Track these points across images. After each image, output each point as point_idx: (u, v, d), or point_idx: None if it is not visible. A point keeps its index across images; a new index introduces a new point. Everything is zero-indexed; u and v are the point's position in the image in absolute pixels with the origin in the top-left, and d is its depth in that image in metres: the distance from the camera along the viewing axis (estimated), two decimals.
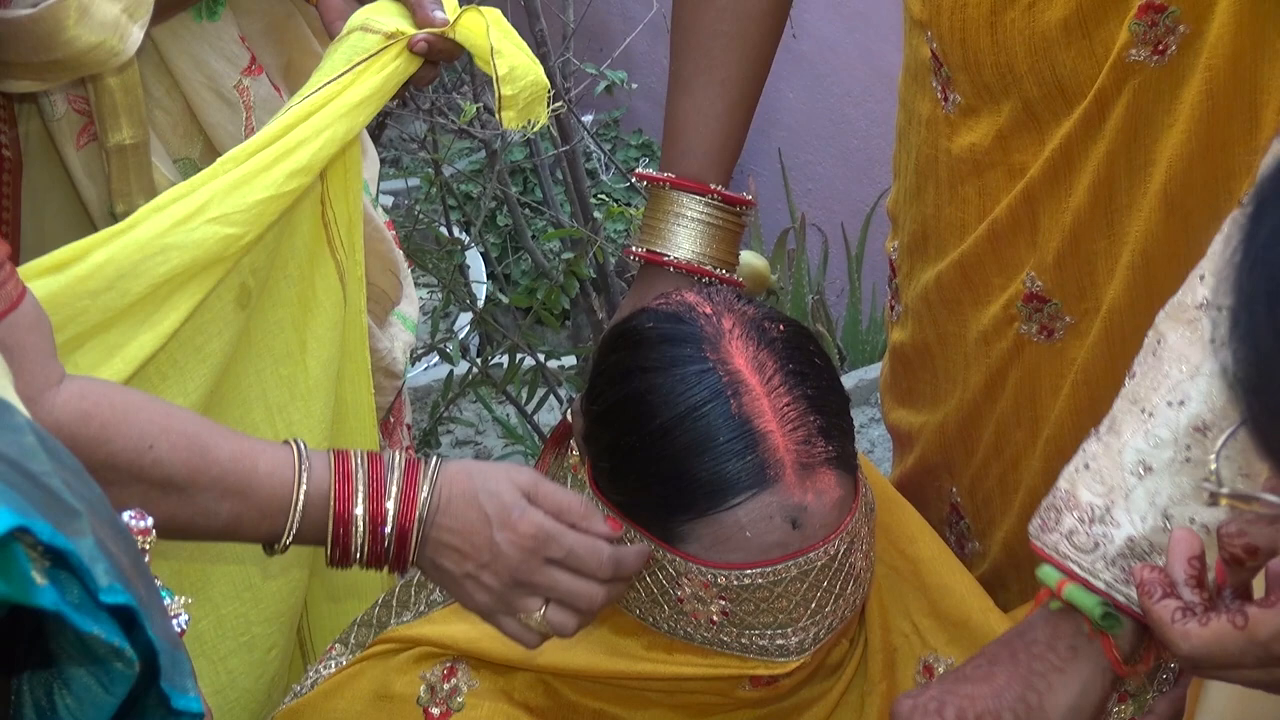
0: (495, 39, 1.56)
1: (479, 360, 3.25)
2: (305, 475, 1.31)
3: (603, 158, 3.94)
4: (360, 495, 1.32)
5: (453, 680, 1.47)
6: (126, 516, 1.02)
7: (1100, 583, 1.31)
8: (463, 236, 3.58)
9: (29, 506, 0.63)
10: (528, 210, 3.50)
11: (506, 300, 3.47)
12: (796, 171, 4.05)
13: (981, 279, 1.66)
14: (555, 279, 3.11)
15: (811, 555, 1.36)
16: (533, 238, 3.40)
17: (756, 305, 1.44)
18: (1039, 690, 1.33)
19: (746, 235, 2.06)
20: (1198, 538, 1.22)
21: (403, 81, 1.58)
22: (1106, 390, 1.58)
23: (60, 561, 0.64)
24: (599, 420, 1.44)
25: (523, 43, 1.59)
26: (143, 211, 1.48)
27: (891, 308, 1.85)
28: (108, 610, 0.65)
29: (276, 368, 1.64)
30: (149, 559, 1.00)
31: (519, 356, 3.15)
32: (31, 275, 1.41)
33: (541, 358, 3.16)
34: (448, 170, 3.55)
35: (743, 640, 1.38)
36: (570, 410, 1.56)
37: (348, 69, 1.54)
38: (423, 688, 1.48)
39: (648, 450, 1.37)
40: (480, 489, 1.34)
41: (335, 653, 1.57)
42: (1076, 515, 1.33)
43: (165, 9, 1.63)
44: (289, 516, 1.31)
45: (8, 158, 1.69)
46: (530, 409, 3.25)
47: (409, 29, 1.56)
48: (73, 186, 1.73)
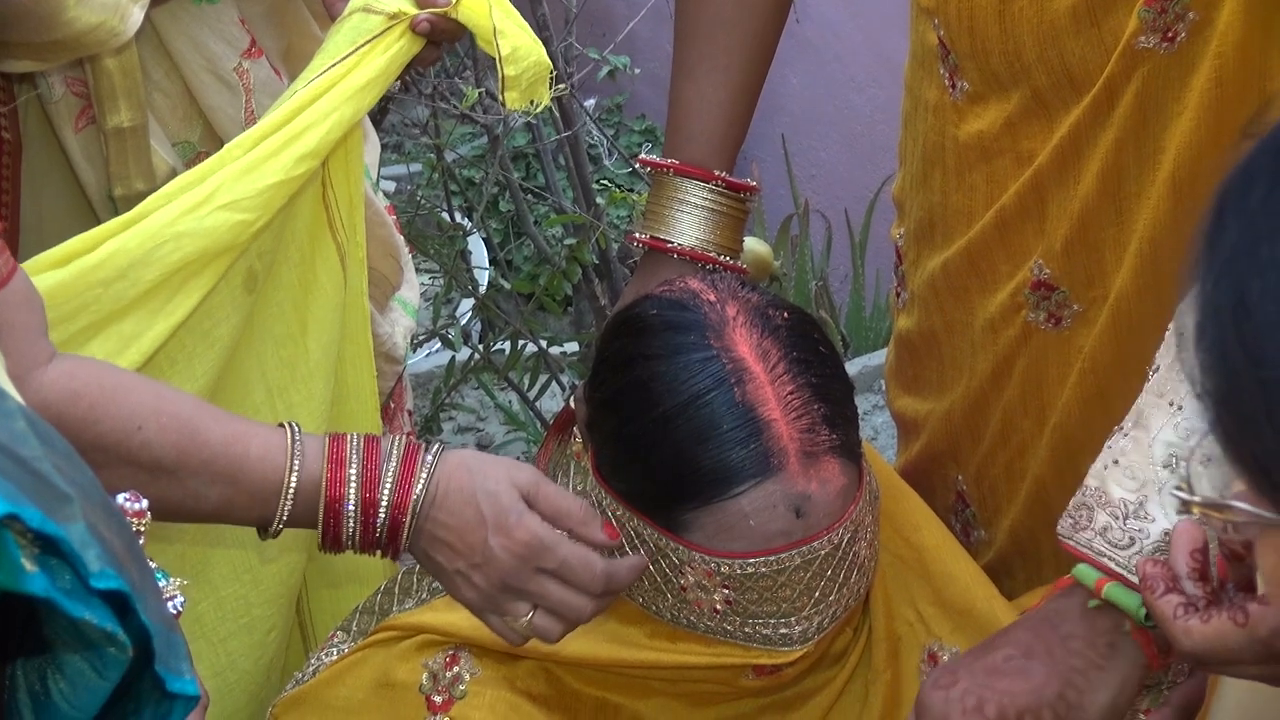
0: (498, 19, 1.57)
1: (481, 346, 3.24)
2: (298, 461, 1.30)
3: (605, 143, 3.93)
4: (353, 483, 1.31)
5: (455, 668, 1.47)
6: (121, 499, 1.02)
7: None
8: (465, 222, 3.58)
9: (19, 493, 0.63)
10: (530, 196, 3.49)
11: (508, 286, 3.47)
12: (800, 157, 4.04)
13: (989, 266, 1.65)
14: (557, 265, 3.11)
15: (815, 544, 1.35)
16: (535, 223, 3.39)
17: (760, 292, 1.43)
18: (1078, 688, 1.32)
19: (750, 221, 2.05)
20: (1201, 531, 1.22)
21: (406, 63, 1.59)
22: (1114, 378, 1.58)
23: (51, 548, 0.64)
24: (602, 407, 1.43)
25: (525, 24, 1.59)
26: (152, 200, 1.49)
27: (897, 294, 1.85)
28: (99, 595, 0.65)
29: (277, 349, 1.64)
30: (144, 541, 1.00)
31: (521, 343, 3.14)
32: (43, 266, 1.41)
33: (544, 344, 3.15)
34: (450, 155, 3.55)
35: (746, 629, 1.38)
36: (573, 397, 1.55)
37: (351, 51, 1.55)
38: (425, 675, 1.47)
39: (651, 438, 1.36)
40: (479, 488, 1.33)
41: (337, 640, 1.57)
42: (1109, 512, 1.32)
43: None
44: (280, 502, 1.30)
45: (7, 140, 1.68)
46: (532, 396, 3.24)
47: (411, 9, 1.57)
48: (71, 169, 1.72)
